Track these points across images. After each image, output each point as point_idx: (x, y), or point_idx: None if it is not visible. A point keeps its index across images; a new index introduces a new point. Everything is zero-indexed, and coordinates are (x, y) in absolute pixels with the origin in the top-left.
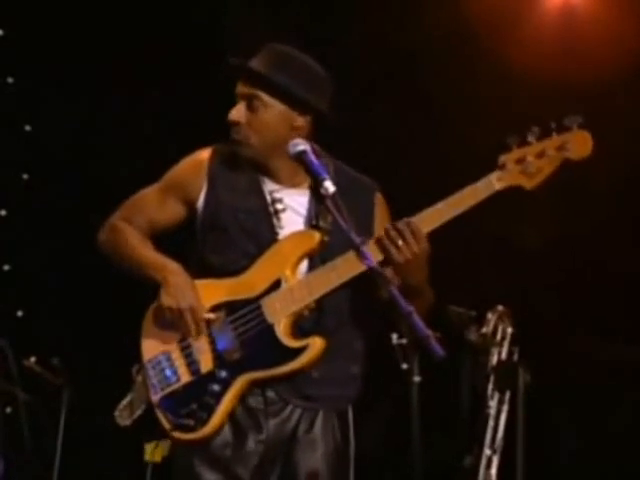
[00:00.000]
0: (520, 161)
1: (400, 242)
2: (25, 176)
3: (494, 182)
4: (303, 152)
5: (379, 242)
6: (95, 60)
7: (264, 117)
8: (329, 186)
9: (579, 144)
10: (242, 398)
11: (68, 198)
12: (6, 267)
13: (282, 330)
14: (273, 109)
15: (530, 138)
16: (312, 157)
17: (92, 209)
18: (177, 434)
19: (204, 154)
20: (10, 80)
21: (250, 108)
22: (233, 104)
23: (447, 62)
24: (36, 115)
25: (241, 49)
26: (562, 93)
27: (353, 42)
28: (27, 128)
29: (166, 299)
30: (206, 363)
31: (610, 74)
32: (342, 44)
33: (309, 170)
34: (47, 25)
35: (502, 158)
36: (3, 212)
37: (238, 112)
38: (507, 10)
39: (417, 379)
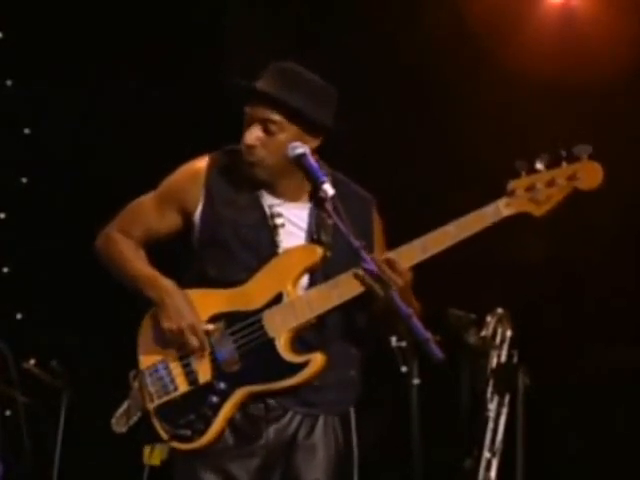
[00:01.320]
0: (530, 189)
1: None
2: (24, 179)
3: (502, 208)
4: (302, 155)
5: (358, 276)
6: (95, 60)
7: (280, 139)
8: (328, 189)
9: (589, 174)
10: (241, 407)
11: (68, 198)
12: (5, 269)
13: (283, 345)
14: (289, 131)
15: (539, 165)
16: (311, 160)
17: (92, 209)
18: (175, 444)
19: (200, 164)
20: (9, 82)
21: (266, 131)
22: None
23: (447, 62)
24: (36, 116)
25: (240, 60)
26: (562, 93)
27: (353, 42)
28: (26, 131)
29: (166, 322)
30: (204, 374)
31: (610, 74)
32: (342, 44)
33: (308, 173)
34: (47, 27)
35: (511, 184)
36: (2, 215)
37: (254, 136)
38: (507, 11)
39: (416, 382)
